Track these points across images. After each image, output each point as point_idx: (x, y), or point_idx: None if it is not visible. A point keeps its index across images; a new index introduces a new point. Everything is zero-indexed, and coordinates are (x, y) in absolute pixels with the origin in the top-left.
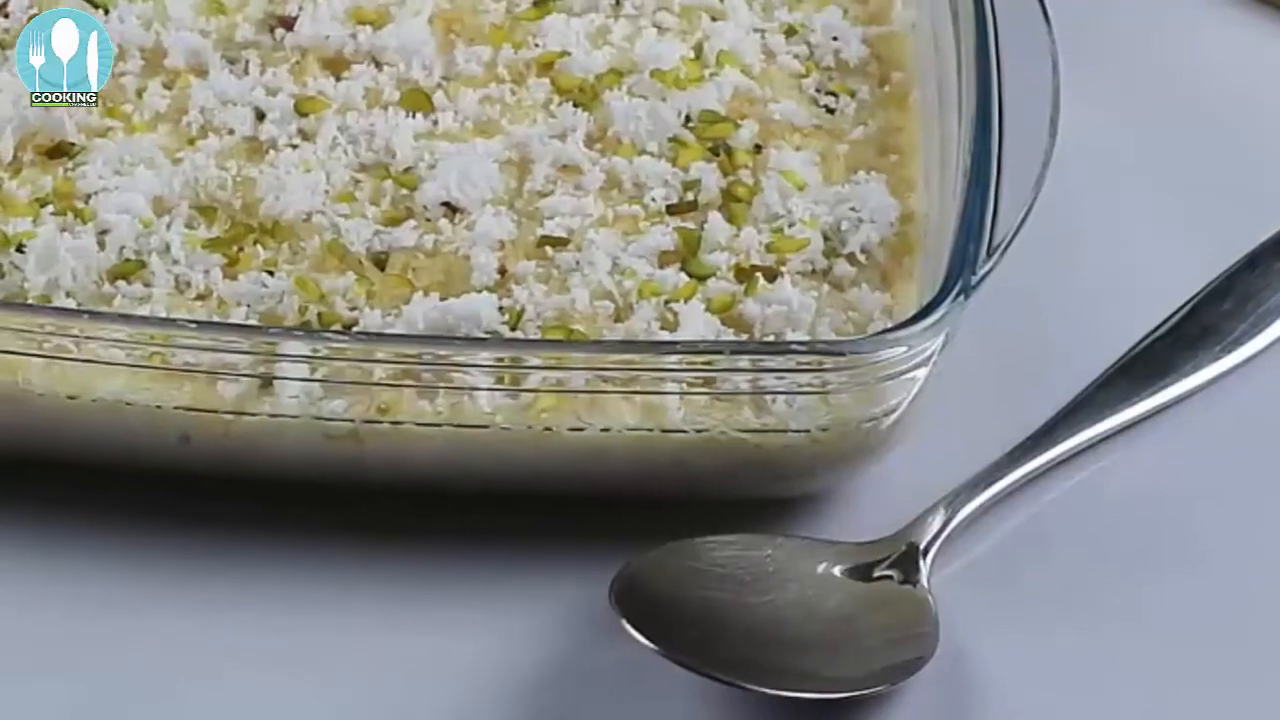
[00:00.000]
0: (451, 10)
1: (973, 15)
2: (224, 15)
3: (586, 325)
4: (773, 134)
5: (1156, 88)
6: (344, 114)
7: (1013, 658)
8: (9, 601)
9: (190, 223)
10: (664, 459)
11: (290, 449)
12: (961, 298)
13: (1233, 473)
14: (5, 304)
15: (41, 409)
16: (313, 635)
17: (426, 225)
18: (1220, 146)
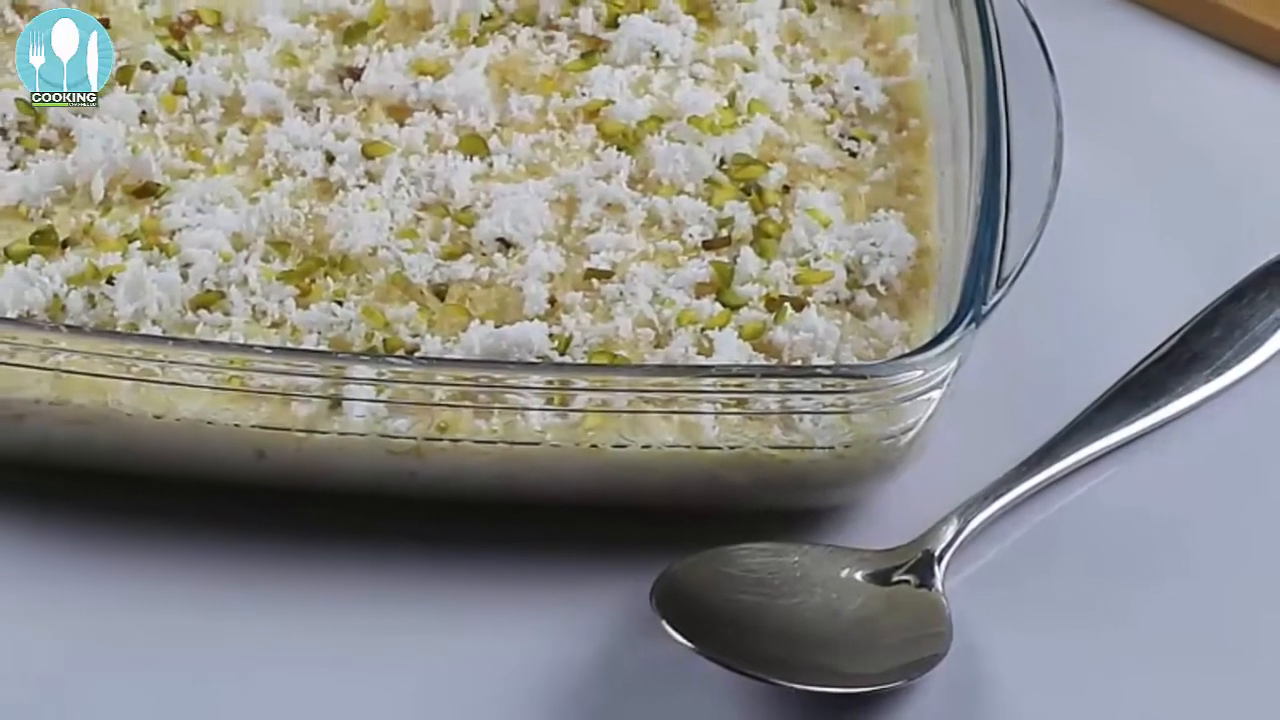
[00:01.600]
0: (505, 62)
1: (983, 67)
2: (297, 67)
3: (629, 351)
4: (800, 175)
5: (1151, 135)
6: (407, 157)
7: (1019, 654)
8: (104, 602)
9: (266, 257)
10: (700, 473)
11: (356, 464)
12: (973, 325)
13: (1221, 486)
14: (97, 331)
15: (130, 427)
16: (377, 634)
17: (483, 259)
18: (1208, 188)
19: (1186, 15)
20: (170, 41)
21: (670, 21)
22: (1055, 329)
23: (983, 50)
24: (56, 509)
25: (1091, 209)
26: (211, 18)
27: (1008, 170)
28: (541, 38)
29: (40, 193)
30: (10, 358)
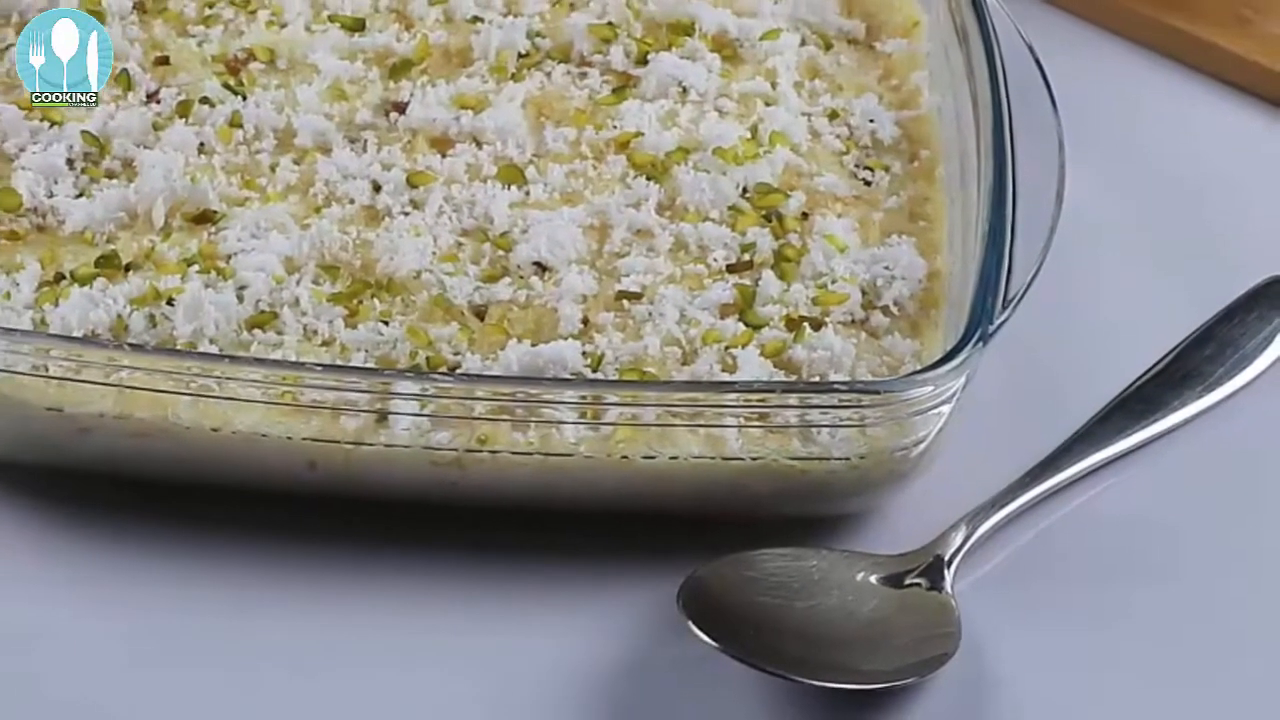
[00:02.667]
0: (541, 97)
1: (990, 102)
2: (345, 101)
3: (657, 368)
4: (818, 203)
5: (1148, 166)
6: (449, 186)
7: (1023, 652)
8: (164, 602)
9: (316, 279)
10: (724, 483)
11: (402, 474)
12: (980, 344)
13: (1213, 494)
14: (157, 349)
15: (188, 440)
16: (420, 634)
17: (520, 282)
18: (1201, 216)
19: (1184, 53)
20: (227, 77)
21: (696, 59)
22: (1057, 347)
23: (990, 86)
24: (120, 516)
25: (1092, 235)
26: (265, 55)
27: (1013, 198)
28: (575, 74)
29: (105, 219)
30: (76, 374)
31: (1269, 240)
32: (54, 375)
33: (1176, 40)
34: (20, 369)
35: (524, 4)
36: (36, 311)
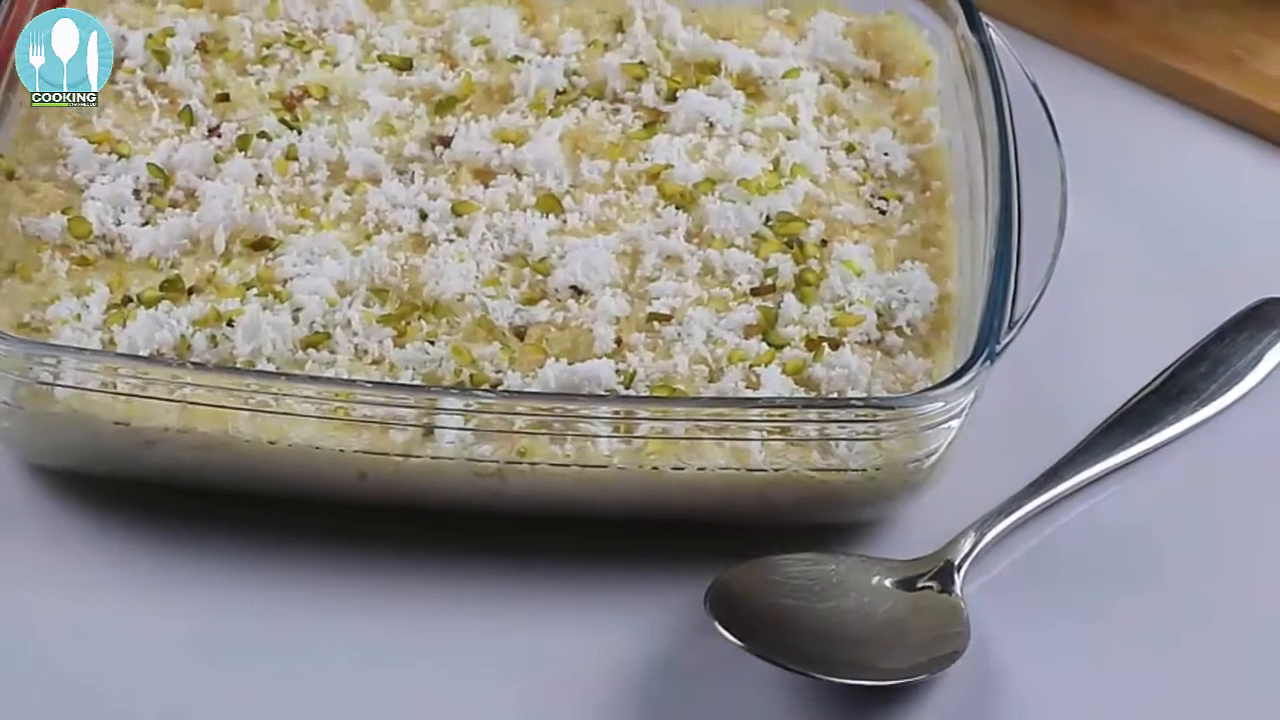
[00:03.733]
0: (577, 131)
1: (997, 136)
2: (394, 135)
3: (686, 385)
4: (836, 231)
5: (1145, 197)
6: (491, 215)
7: (1028, 651)
8: (225, 605)
9: (367, 302)
10: (749, 492)
11: (447, 484)
12: (988, 363)
13: (1206, 503)
14: (218, 367)
15: (247, 452)
16: (464, 634)
17: (557, 304)
18: (1195, 243)
19: (1179, 91)
20: (283, 113)
21: (722, 96)
22: (1060, 365)
23: (997, 122)
24: (183, 524)
25: (1092, 261)
26: (319, 92)
27: (1018, 227)
28: (609, 110)
29: (169, 246)
30: (143, 390)
31: (1258, 266)
32: (122, 392)
33: (1172, 79)
34: (90, 386)
35: (561, 45)
36: (105, 332)
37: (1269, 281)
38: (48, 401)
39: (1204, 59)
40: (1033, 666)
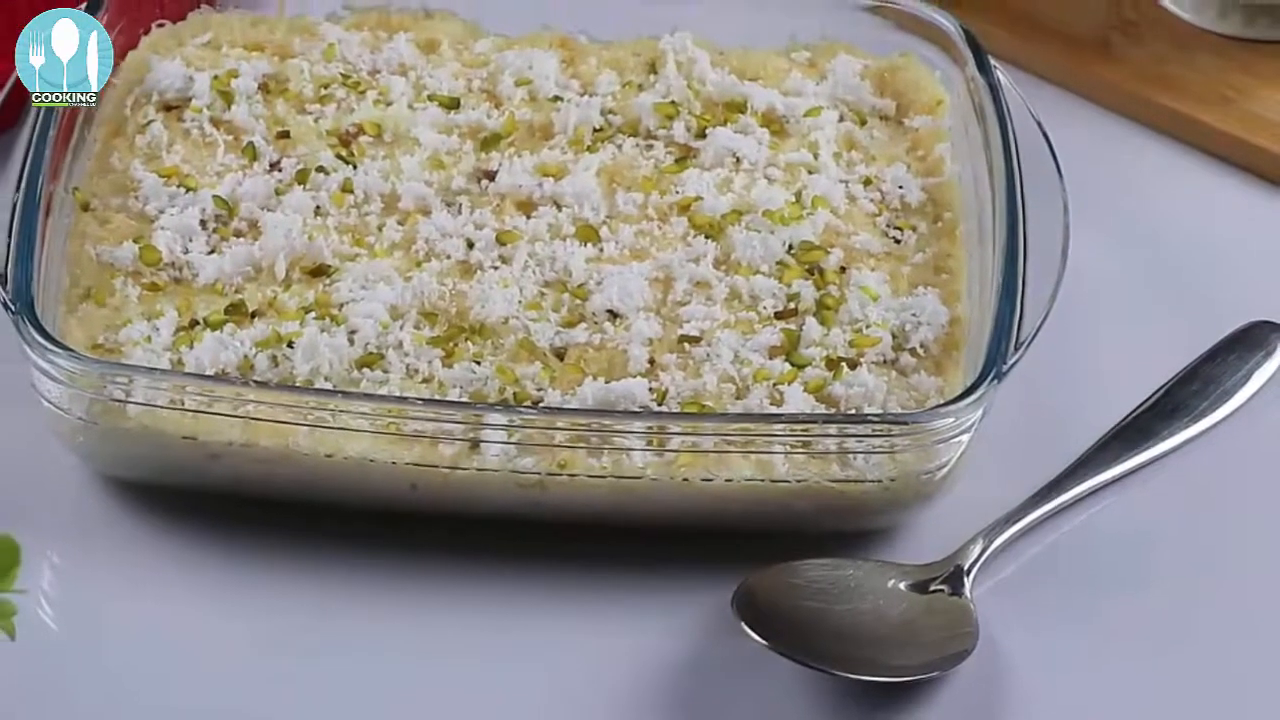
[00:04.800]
0: (613, 166)
1: (1004, 170)
2: (443, 169)
3: (714, 401)
4: (854, 259)
5: (1142, 227)
6: (533, 244)
7: (1033, 650)
8: (285, 607)
9: (417, 325)
10: (773, 502)
11: (492, 495)
12: (995, 381)
13: (1198, 512)
14: (279, 386)
15: (306, 464)
16: (507, 633)
17: (595, 327)
18: (1188, 269)
19: (1173, 128)
20: (339, 149)
21: (748, 133)
22: (1062, 384)
23: (1004, 157)
24: (245, 532)
25: (1093, 286)
26: (373, 129)
27: (1024, 255)
28: (643, 146)
29: (233, 273)
30: (209, 407)
31: (1247, 290)
32: (189, 409)
33: (1168, 117)
34: (160, 403)
35: (598, 85)
36: (174, 353)
37: (1257, 305)
38: (120, 418)
39: (1197, 98)
40: (1037, 664)
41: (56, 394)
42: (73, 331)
